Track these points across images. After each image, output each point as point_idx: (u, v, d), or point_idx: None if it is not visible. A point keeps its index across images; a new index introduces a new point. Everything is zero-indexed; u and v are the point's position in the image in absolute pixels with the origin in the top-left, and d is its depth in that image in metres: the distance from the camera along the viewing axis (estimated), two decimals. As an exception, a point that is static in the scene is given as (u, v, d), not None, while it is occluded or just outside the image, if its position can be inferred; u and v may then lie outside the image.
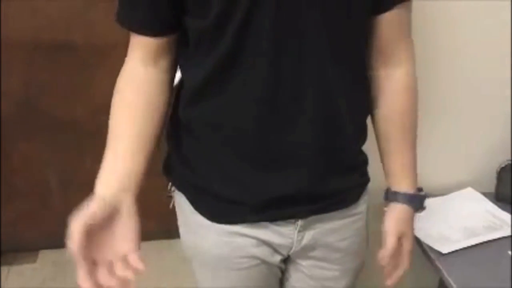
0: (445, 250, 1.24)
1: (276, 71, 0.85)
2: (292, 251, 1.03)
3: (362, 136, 1.02)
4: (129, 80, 0.91)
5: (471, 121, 1.47)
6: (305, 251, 1.03)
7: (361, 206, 1.07)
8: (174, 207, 1.09)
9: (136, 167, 0.88)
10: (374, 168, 1.08)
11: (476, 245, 1.28)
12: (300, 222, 0.99)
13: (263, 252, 1.01)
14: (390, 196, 1.06)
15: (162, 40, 0.89)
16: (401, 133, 1.03)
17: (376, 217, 1.21)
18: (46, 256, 2.30)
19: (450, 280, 1.17)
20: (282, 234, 0.99)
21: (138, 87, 0.91)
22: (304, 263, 1.07)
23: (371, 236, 1.14)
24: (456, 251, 1.25)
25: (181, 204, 1.04)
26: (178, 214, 1.08)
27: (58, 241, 2.59)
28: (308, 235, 1.01)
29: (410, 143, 1.04)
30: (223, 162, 0.94)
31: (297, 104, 0.88)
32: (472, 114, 1.47)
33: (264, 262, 1.02)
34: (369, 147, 1.05)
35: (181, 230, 1.08)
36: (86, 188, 2.70)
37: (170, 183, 1.07)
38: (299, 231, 1.00)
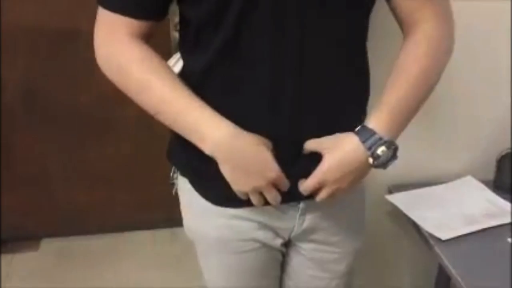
0: (444, 236, 1.25)
1: (277, 54, 0.86)
2: (293, 234, 1.04)
3: (361, 121, 1.03)
4: (138, 51, 0.89)
5: (471, 110, 1.48)
6: (306, 234, 1.05)
7: (360, 190, 1.09)
8: (177, 194, 1.11)
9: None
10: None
11: (476, 232, 1.29)
12: (301, 205, 1.00)
13: (264, 235, 1.02)
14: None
15: (146, 24, 0.89)
16: (394, 77, 0.94)
17: (375, 215, 1.22)
18: (48, 245, 2.32)
19: (449, 266, 1.18)
20: (283, 218, 1.01)
21: (147, 54, 0.90)
22: (304, 246, 1.08)
23: (371, 236, 1.15)
24: (456, 238, 1.26)
25: (184, 188, 1.05)
26: (181, 199, 1.09)
27: (60, 229, 2.61)
28: (309, 218, 1.02)
29: (398, 86, 0.93)
30: None
31: (299, 86, 0.89)
32: (472, 102, 1.48)
33: (265, 245, 1.04)
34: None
35: (184, 214, 1.10)
36: (88, 177, 2.73)
37: (173, 170, 1.09)
38: (300, 214, 1.01)
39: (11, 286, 2.08)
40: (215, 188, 0.97)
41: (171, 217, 1.49)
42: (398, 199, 1.42)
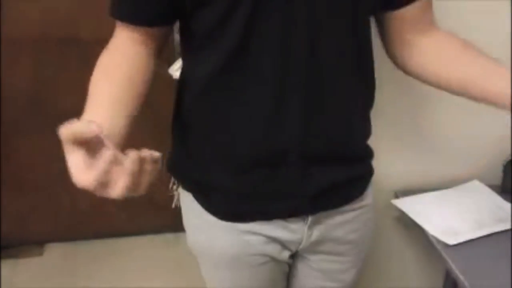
0: (451, 241, 1.25)
1: (283, 66, 0.85)
2: (301, 246, 1.03)
3: (367, 129, 1.02)
4: (113, 52, 0.90)
5: (477, 114, 1.47)
6: (314, 246, 1.03)
7: (368, 198, 1.07)
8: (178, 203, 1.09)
9: (116, 121, 0.82)
10: (375, 166, 1.08)
11: (482, 237, 1.28)
12: (310, 218, 0.99)
13: (272, 249, 1.01)
14: None
15: (153, 29, 0.89)
16: (465, 54, 0.97)
17: (381, 220, 1.21)
18: (52, 249, 2.32)
19: (456, 271, 1.18)
20: (292, 231, 0.99)
21: (122, 58, 0.89)
22: (312, 257, 1.07)
23: (377, 241, 1.14)
24: (463, 242, 1.25)
25: (189, 203, 1.02)
26: (185, 214, 1.06)
27: (64, 234, 2.61)
28: (317, 230, 1.01)
29: (480, 55, 0.97)
30: (232, 159, 0.93)
31: (305, 98, 0.88)
32: (478, 107, 1.47)
33: (273, 259, 1.03)
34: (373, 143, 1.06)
35: (189, 230, 1.07)
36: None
37: (172, 181, 1.07)
38: (309, 227, 1.00)
39: (15, 291, 2.08)
40: (222, 202, 0.96)
41: (174, 221, 1.49)
42: (405, 204, 1.41)
